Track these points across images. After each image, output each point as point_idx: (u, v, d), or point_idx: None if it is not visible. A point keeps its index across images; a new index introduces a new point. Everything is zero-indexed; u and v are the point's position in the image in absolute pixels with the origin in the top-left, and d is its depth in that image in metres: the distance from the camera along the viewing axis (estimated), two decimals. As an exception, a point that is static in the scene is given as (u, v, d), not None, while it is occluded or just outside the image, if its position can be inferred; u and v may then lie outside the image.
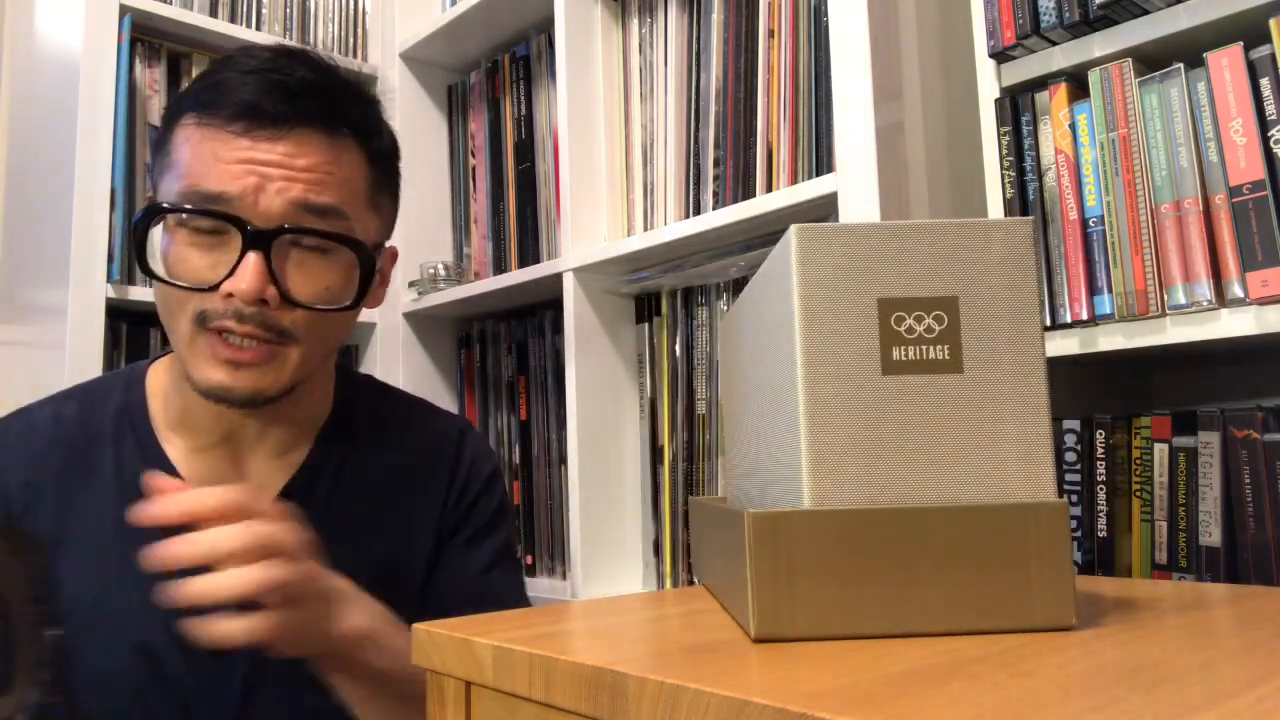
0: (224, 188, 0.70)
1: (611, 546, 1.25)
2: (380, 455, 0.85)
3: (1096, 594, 0.61)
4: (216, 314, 0.70)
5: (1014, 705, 0.34)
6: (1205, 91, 0.77)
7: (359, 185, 0.76)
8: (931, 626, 0.46)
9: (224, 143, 0.71)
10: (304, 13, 1.55)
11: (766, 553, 0.46)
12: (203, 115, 0.72)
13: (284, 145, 0.71)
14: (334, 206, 0.73)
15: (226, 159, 0.70)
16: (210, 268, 0.71)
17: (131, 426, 0.79)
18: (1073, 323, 0.83)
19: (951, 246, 0.50)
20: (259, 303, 0.70)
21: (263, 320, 0.71)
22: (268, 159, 0.71)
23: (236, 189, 0.70)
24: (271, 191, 0.70)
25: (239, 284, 0.69)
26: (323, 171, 0.72)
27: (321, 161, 0.72)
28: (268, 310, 0.71)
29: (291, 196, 0.71)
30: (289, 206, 0.71)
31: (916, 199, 0.98)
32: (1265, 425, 0.75)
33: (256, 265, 0.69)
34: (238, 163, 0.70)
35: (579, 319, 1.25)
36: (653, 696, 0.39)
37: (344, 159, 0.74)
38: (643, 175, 1.28)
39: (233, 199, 0.70)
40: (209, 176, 0.70)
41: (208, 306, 0.70)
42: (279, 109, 0.71)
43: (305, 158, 0.72)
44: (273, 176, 0.70)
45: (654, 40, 1.28)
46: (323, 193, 0.72)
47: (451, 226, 1.63)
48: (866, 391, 0.48)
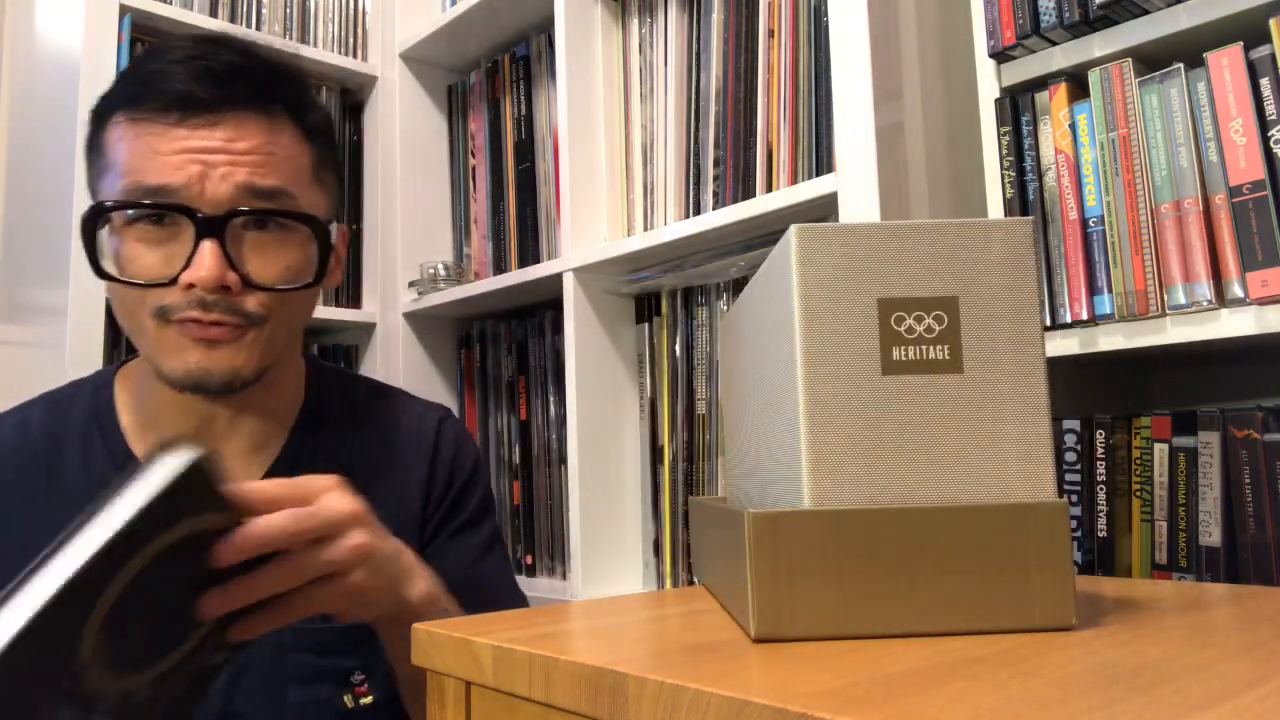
0: (167, 179, 0.69)
1: (611, 546, 1.25)
2: (356, 447, 0.84)
3: (1096, 594, 0.61)
4: (179, 307, 0.69)
5: (1014, 705, 0.34)
6: (1205, 91, 0.77)
7: (302, 163, 0.75)
8: (931, 626, 0.46)
9: (160, 134, 0.70)
10: (304, 13, 1.55)
11: (766, 553, 0.46)
12: (134, 110, 0.71)
13: (222, 130, 0.70)
14: (280, 188, 0.72)
15: (165, 150, 0.69)
16: (164, 262, 0.70)
17: (100, 429, 0.78)
18: (1073, 323, 0.83)
19: (951, 246, 0.50)
20: (221, 289, 0.69)
21: (228, 306, 0.70)
22: (208, 145, 0.70)
23: (181, 179, 0.69)
24: (216, 178, 0.69)
25: (198, 273, 0.68)
26: (264, 153, 0.72)
27: (262, 143, 0.72)
28: (231, 296, 0.70)
29: (237, 181, 0.70)
30: (236, 191, 0.70)
31: (916, 199, 0.98)
32: (1265, 425, 0.75)
33: (213, 252, 0.69)
34: (177, 153, 0.69)
35: (579, 319, 1.25)
36: (653, 696, 0.39)
37: (283, 139, 0.73)
38: (643, 175, 1.28)
39: (178, 189, 0.69)
40: (150, 170, 0.69)
41: (168, 301, 0.70)
42: (212, 94, 0.70)
43: (245, 140, 0.71)
44: (215, 163, 0.70)
45: (654, 40, 1.28)
46: (268, 174, 0.71)
47: (451, 226, 1.63)
48: (866, 391, 0.48)
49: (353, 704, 0.78)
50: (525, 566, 1.45)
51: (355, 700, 0.78)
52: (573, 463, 1.23)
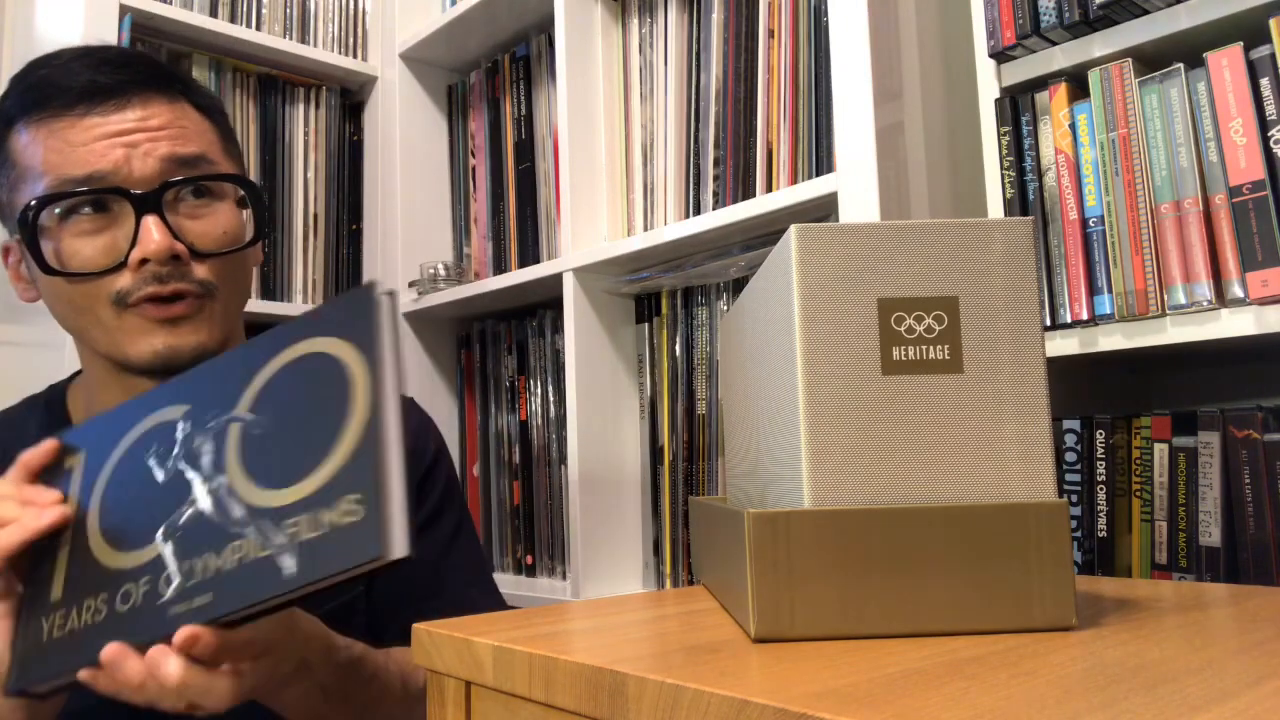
0: (93, 167, 0.70)
1: (611, 546, 1.25)
2: None
3: (1096, 594, 0.61)
4: (135, 287, 0.70)
5: (1014, 705, 0.34)
6: (1205, 91, 0.77)
7: (210, 136, 0.77)
8: (931, 626, 0.46)
9: (70, 127, 0.70)
10: (304, 13, 1.55)
11: (766, 553, 0.46)
12: (39, 112, 0.71)
13: (132, 110, 0.71)
14: (201, 154, 0.74)
15: (82, 140, 0.70)
16: (108, 249, 0.71)
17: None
18: (1073, 323, 0.83)
19: (951, 246, 0.50)
20: (172, 260, 0.70)
21: (182, 275, 0.71)
22: (124, 127, 0.71)
23: (107, 164, 0.70)
24: (141, 154, 0.71)
25: (147, 247, 0.69)
26: (177, 127, 0.73)
27: (172, 119, 0.73)
28: (182, 266, 0.71)
29: (161, 154, 0.71)
30: (163, 164, 0.71)
31: (916, 199, 0.98)
32: (1265, 425, 0.75)
33: (158, 225, 0.70)
34: (96, 140, 0.70)
35: (579, 319, 1.25)
36: (653, 696, 0.39)
37: (188, 115, 0.75)
38: (643, 175, 1.28)
39: (106, 174, 0.70)
40: (72, 163, 0.70)
41: (122, 285, 0.70)
42: (115, 79, 0.71)
43: (156, 118, 0.72)
44: (137, 141, 0.71)
45: (654, 40, 1.28)
46: (187, 144, 0.73)
47: (451, 226, 1.63)
48: (866, 391, 0.48)
49: None
50: (525, 566, 1.45)
51: None
52: (573, 463, 1.23)
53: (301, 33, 1.54)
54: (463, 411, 1.60)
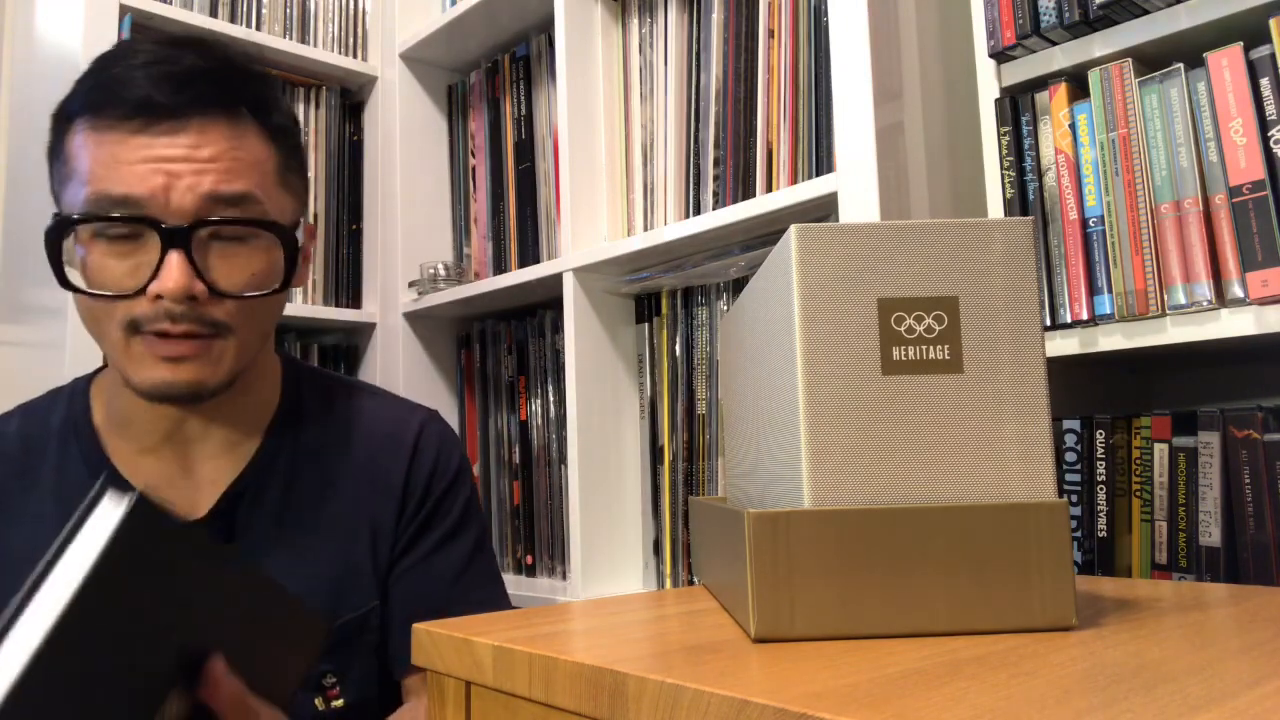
0: (131, 189, 0.68)
1: (611, 546, 1.25)
2: (333, 448, 0.82)
3: (1096, 594, 0.61)
4: (148, 319, 0.69)
5: (1014, 705, 0.34)
6: (1205, 91, 0.77)
7: (267, 167, 0.74)
8: (931, 626, 0.46)
9: (122, 143, 0.69)
10: (304, 13, 1.55)
11: (766, 553, 0.46)
12: (95, 118, 0.70)
13: (185, 137, 0.69)
14: (246, 193, 0.71)
15: (128, 159, 0.68)
16: (131, 273, 0.69)
17: (76, 435, 0.78)
18: (1073, 323, 0.83)
19: (951, 246, 0.50)
20: (188, 299, 0.69)
21: (196, 316, 0.70)
22: (171, 154, 0.69)
23: (145, 190, 0.68)
24: (182, 188, 0.69)
25: (165, 284, 0.68)
26: (229, 159, 0.71)
27: (226, 149, 0.71)
28: (198, 305, 0.69)
29: (203, 190, 0.69)
30: (201, 200, 0.69)
31: (916, 199, 0.98)
32: (1265, 425, 0.75)
33: (180, 263, 0.68)
34: (141, 162, 0.68)
35: (579, 319, 1.25)
36: (653, 696, 0.39)
37: (247, 142, 0.72)
38: (643, 175, 1.28)
39: (143, 200, 0.68)
40: (113, 179, 0.68)
41: (137, 313, 0.69)
42: (174, 100, 0.69)
43: (209, 147, 0.70)
44: (180, 173, 0.69)
45: (654, 40, 1.28)
46: (233, 181, 0.70)
47: (451, 226, 1.63)
48: (866, 391, 0.48)
49: (324, 706, 0.77)
50: (525, 566, 1.45)
51: (326, 703, 0.77)
52: (573, 463, 1.23)
53: (301, 33, 1.54)
54: (463, 411, 1.60)
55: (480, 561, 0.86)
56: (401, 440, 0.85)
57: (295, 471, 0.80)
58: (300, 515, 0.79)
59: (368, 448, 0.83)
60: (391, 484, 0.83)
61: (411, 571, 0.82)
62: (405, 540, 0.83)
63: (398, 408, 0.89)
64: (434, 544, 0.83)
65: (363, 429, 0.84)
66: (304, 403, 0.84)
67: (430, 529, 0.84)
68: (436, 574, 0.83)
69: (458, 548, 0.85)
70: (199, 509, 0.77)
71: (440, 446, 0.86)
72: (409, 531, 0.83)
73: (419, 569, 0.82)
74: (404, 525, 0.83)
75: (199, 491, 0.77)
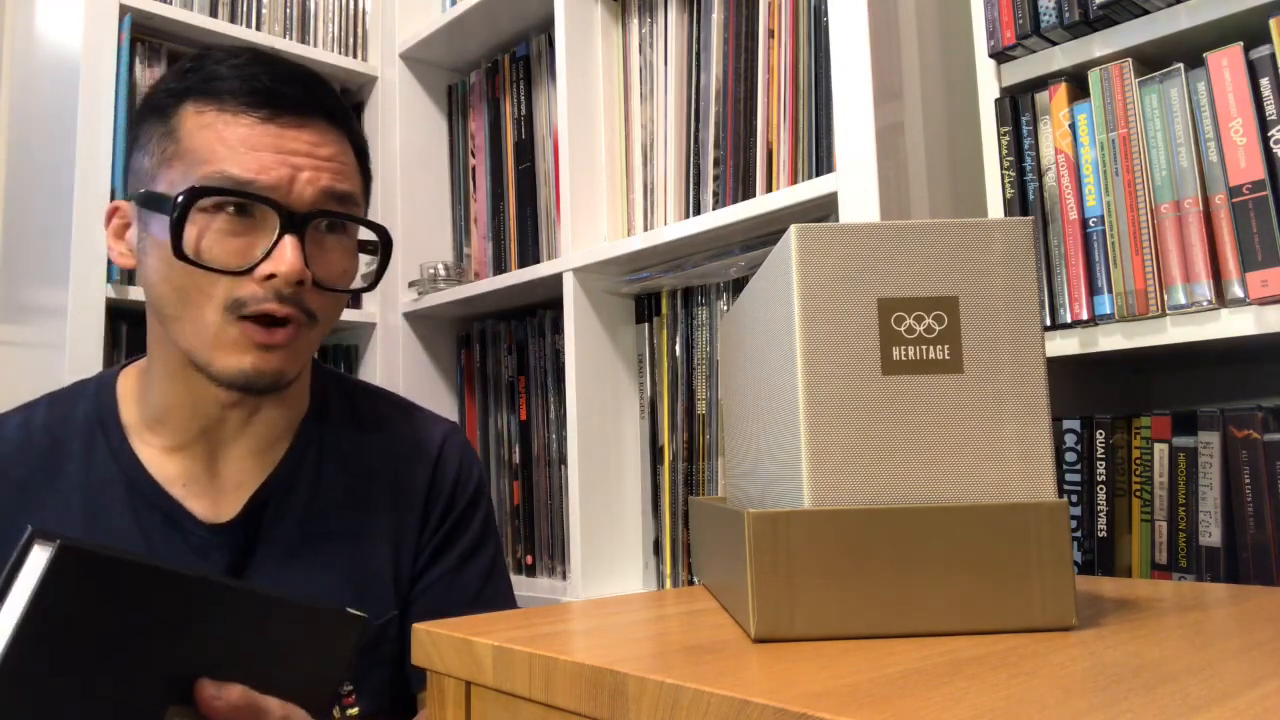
0: (256, 175, 0.70)
1: (611, 546, 1.25)
2: (357, 456, 0.83)
3: (1096, 594, 0.61)
4: (256, 299, 0.70)
5: (1014, 705, 0.34)
6: (1205, 91, 0.77)
7: (359, 179, 0.78)
8: (931, 626, 0.46)
9: (250, 128, 0.71)
10: (304, 13, 1.55)
11: (766, 553, 0.46)
12: (217, 101, 0.72)
13: (307, 134, 0.73)
14: (353, 194, 0.76)
15: (256, 145, 0.71)
16: (242, 253, 0.71)
17: (102, 429, 0.78)
18: (1073, 323, 0.83)
19: (951, 246, 0.50)
20: (297, 284, 0.71)
21: (298, 301, 0.72)
22: (296, 147, 0.72)
23: (270, 178, 0.71)
24: (303, 180, 0.72)
25: (280, 265, 0.70)
26: (341, 161, 0.75)
27: (338, 151, 0.75)
28: (302, 291, 0.72)
29: (322, 185, 0.72)
30: (319, 194, 0.72)
31: (916, 199, 0.98)
32: (1265, 425, 0.75)
33: (295, 247, 0.70)
34: (268, 150, 0.71)
35: (579, 319, 1.25)
36: (653, 696, 0.39)
37: (348, 153, 0.77)
38: (643, 175, 1.28)
39: (267, 186, 0.71)
40: (240, 162, 0.70)
41: (242, 293, 0.70)
42: (300, 95, 0.73)
43: (326, 147, 0.74)
44: (302, 166, 0.72)
45: (654, 40, 1.28)
46: (343, 181, 0.75)
47: (451, 226, 1.63)
48: (866, 391, 0.48)
49: (340, 715, 0.77)
50: (525, 566, 1.45)
51: (343, 711, 0.77)
52: (573, 463, 1.23)
53: (301, 33, 1.54)
54: (463, 411, 1.60)
55: (496, 576, 0.87)
56: (425, 451, 0.86)
57: (320, 478, 0.81)
58: (323, 523, 0.80)
59: (392, 457, 0.84)
60: (415, 494, 0.84)
61: (434, 588, 0.83)
62: (428, 553, 0.84)
63: (421, 418, 0.90)
64: (456, 561, 0.84)
65: (387, 438, 0.85)
66: (330, 408, 0.85)
67: (453, 544, 0.85)
68: (458, 591, 0.84)
69: (478, 564, 0.86)
70: (224, 514, 0.76)
71: (462, 459, 0.88)
72: (432, 543, 0.84)
73: (441, 585, 0.83)
74: (427, 536, 0.84)
75: (224, 495, 0.77)
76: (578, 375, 1.24)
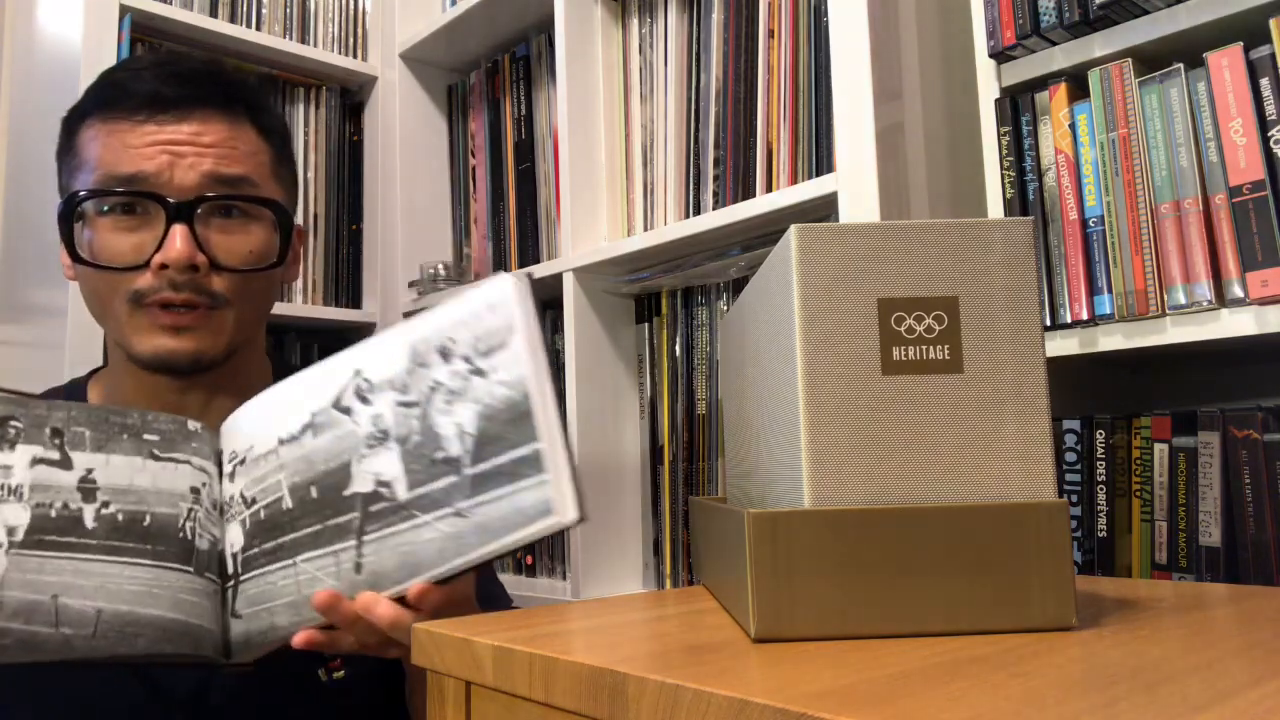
0: (138, 168, 0.74)
1: (611, 546, 1.25)
2: None
3: (1096, 594, 0.61)
4: (152, 289, 0.74)
5: (1014, 705, 0.34)
6: (1205, 91, 0.77)
7: (261, 158, 0.81)
8: (931, 626, 0.46)
9: (130, 131, 0.75)
10: (304, 13, 1.55)
11: (766, 553, 0.46)
12: (106, 112, 0.76)
13: (189, 125, 0.76)
14: (244, 176, 0.78)
15: (136, 144, 0.75)
16: (136, 248, 0.74)
17: None
18: (1073, 323, 0.83)
19: (951, 246, 0.50)
20: (190, 270, 0.74)
21: (196, 286, 0.75)
22: (175, 138, 0.75)
23: (152, 167, 0.74)
24: (184, 166, 0.75)
25: (169, 254, 0.73)
26: (228, 146, 0.77)
27: (225, 138, 0.77)
28: (199, 277, 0.75)
29: (204, 169, 0.75)
30: (202, 179, 0.75)
31: (916, 199, 0.98)
32: (1265, 425, 0.75)
33: (184, 234, 0.74)
34: (148, 145, 0.75)
35: (579, 319, 1.25)
36: (653, 696, 0.39)
37: (243, 136, 0.79)
38: (643, 175, 1.28)
39: (148, 177, 0.74)
40: (121, 161, 0.74)
41: (140, 285, 0.74)
42: (179, 93, 0.76)
43: (210, 135, 0.77)
44: (184, 153, 0.75)
45: (654, 40, 1.28)
46: (232, 164, 0.77)
47: (451, 226, 1.63)
48: (867, 391, 0.48)
49: (326, 677, 0.79)
50: (525, 566, 1.45)
51: (329, 674, 0.79)
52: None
53: (301, 33, 1.54)
54: (463, 411, 1.60)
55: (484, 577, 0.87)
56: None
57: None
58: None
59: None
60: None
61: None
62: None
63: None
64: None
65: None
66: None
67: None
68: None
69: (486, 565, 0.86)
70: None
71: None
72: None
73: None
74: None
75: None
76: (578, 375, 1.24)
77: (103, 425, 0.66)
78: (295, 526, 0.66)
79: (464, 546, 0.61)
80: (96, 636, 0.61)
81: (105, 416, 0.66)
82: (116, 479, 0.65)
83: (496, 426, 0.61)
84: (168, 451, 0.68)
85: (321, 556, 0.65)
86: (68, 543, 0.62)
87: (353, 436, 0.66)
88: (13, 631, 0.59)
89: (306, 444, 0.67)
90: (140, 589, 0.63)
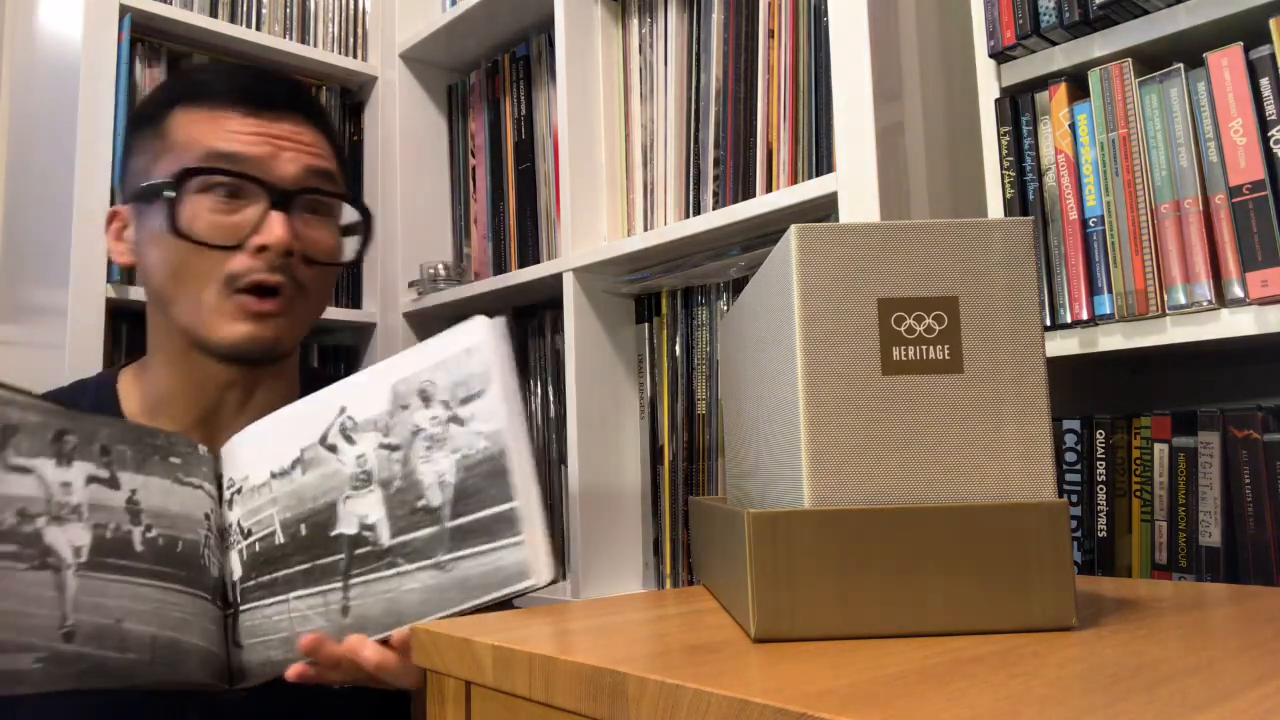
0: (243, 149, 0.77)
1: (611, 546, 1.25)
2: None
3: (1096, 594, 0.61)
4: (250, 270, 0.76)
5: (1014, 705, 0.34)
6: (1205, 91, 0.77)
7: (336, 165, 0.86)
8: (931, 626, 0.46)
9: (232, 118, 0.78)
10: (304, 13, 1.55)
11: (766, 553, 0.46)
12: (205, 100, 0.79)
13: (285, 123, 0.80)
14: (334, 174, 0.83)
15: (240, 130, 0.77)
16: (234, 229, 0.76)
17: None
18: (1073, 323, 0.83)
19: (951, 246, 0.50)
20: (286, 255, 0.76)
21: (289, 272, 0.77)
22: (276, 131, 0.79)
23: (255, 152, 0.77)
24: (286, 158, 0.78)
25: (270, 237, 0.75)
26: (320, 146, 0.82)
27: (315, 140, 0.82)
28: (291, 262, 0.77)
29: (304, 163, 0.79)
30: (302, 171, 0.79)
31: (916, 199, 0.98)
32: (1265, 425, 0.75)
33: (283, 221, 0.76)
34: (251, 133, 0.78)
35: (579, 319, 1.25)
36: (653, 696, 0.39)
37: (324, 143, 0.84)
38: (643, 175, 1.28)
39: (251, 160, 0.76)
40: (224, 141, 0.77)
41: (235, 267, 0.76)
42: (276, 94, 0.80)
43: (305, 135, 0.81)
44: (285, 146, 0.79)
45: (654, 40, 1.28)
46: (325, 162, 0.82)
47: (451, 226, 1.63)
48: (867, 391, 0.48)
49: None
50: (525, 566, 1.45)
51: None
52: (572, 463, 1.23)
53: (301, 33, 1.54)
54: (463, 411, 1.60)
55: None
56: None
57: None
58: None
59: None
60: None
61: None
62: None
63: None
64: None
65: None
66: None
67: None
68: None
69: None
70: None
71: None
72: None
73: None
74: None
75: None
76: (578, 375, 1.24)
77: (139, 445, 0.66)
78: (288, 563, 0.67)
79: (445, 600, 0.63)
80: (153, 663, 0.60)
81: (139, 436, 0.66)
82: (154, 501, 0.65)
83: (475, 480, 0.63)
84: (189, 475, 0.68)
85: (311, 595, 0.66)
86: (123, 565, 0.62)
87: (338, 476, 0.67)
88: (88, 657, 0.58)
89: (296, 480, 0.68)
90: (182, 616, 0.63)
